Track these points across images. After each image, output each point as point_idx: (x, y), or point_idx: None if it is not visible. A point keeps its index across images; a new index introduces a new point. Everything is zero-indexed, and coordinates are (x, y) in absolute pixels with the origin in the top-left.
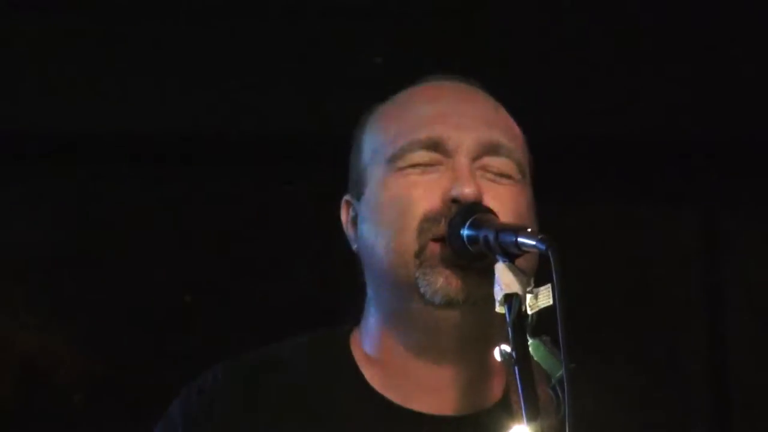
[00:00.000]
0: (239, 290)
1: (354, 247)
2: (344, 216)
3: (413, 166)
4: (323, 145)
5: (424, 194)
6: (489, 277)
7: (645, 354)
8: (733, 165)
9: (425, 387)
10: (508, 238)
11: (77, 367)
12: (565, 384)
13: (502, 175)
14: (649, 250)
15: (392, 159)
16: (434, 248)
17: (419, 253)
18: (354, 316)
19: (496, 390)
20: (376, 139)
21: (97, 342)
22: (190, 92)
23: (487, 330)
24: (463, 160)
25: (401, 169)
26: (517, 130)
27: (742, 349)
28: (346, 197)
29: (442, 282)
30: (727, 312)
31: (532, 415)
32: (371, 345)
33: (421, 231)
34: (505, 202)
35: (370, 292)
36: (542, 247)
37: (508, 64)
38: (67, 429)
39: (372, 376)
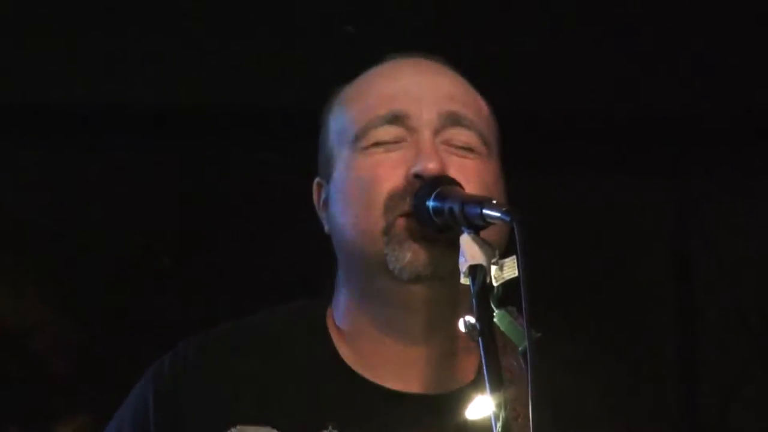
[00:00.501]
0: (221, 257)
1: (326, 228)
2: (316, 198)
3: (377, 144)
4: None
5: (388, 172)
6: (456, 250)
7: (614, 326)
8: (704, 136)
9: (396, 364)
10: (473, 210)
11: (53, 334)
12: (528, 354)
13: (465, 148)
14: (620, 222)
15: (356, 139)
16: (401, 223)
17: (387, 231)
18: (331, 290)
19: (470, 370)
20: (340, 120)
21: (74, 308)
22: (181, 61)
23: (457, 308)
24: (425, 134)
25: (365, 148)
26: (481, 103)
27: (712, 321)
28: (318, 180)
29: (410, 257)
30: (696, 283)
31: (496, 386)
32: (343, 322)
33: (387, 209)
34: (469, 175)
35: (340, 271)
36: (507, 218)
37: (481, 35)
38: (44, 396)
39: (345, 353)
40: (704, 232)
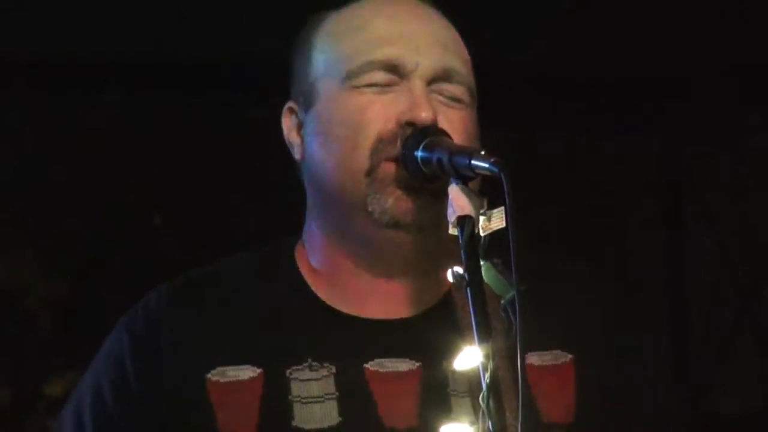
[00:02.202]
0: (210, 214)
1: (297, 156)
2: (287, 123)
3: (369, 85)
4: None
5: (379, 114)
6: (440, 200)
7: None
8: (692, 92)
9: (371, 297)
10: (462, 161)
11: (45, 292)
12: (517, 306)
13: (454, 99)
14: (610, 176)
15: (348, 77)
16: (388, 168)
17: (370, 172)
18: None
19: (438, 291)
20: (330, 52)
21: (65, 266)
22: (158, 18)
23: (434, 249)
24: (419, 83)
25: (356, 87)
26: (467, 53)
27: (700, 271)
28: (290, 104)
29: (391, 202)
30: (685, 235)
31: (484, 337)
32: (315, 258)
33: (374, 151)
34: (456, 125)
35: (312, 205)
36: (495, 169)
37: None
38: (35, 352)
39: (318, 288)
40: (691, 185)
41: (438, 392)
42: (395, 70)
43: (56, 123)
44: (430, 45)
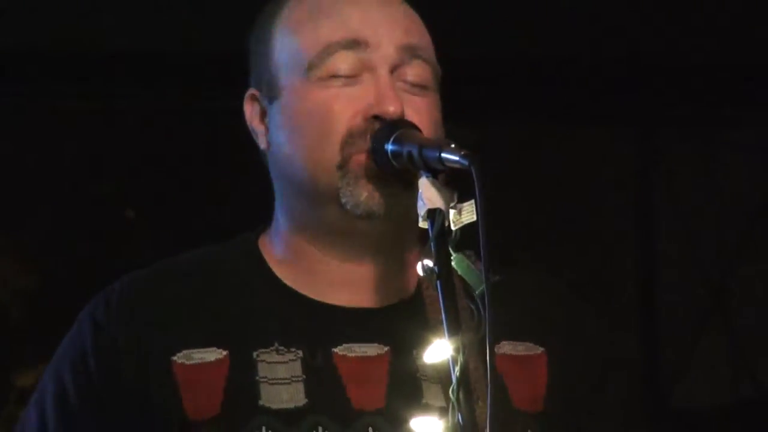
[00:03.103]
0: (183, 208)
1: (262, 145)
2: (249, 110)
3: (334, 76)
4: None
5: (346, 108)
6: (410, 191)
7: (576, 273)
8: (667, 87)
9: (339, 283)
10: (432, 154)
11: (14, 283)
12: (486, 297)
13: (419, 85)
14: (584, 169)
15: (311, 67)
16: (359, 160)
17: (342, 166)
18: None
19: (410, 284)
20: (292, 41)
21: (36, 257)
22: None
23: (404, 235)
24: (383, 72)
25: (321, 79)
26: (429, 38)
27: (671, 263)
28: (252, 91)
29: (365, 196)
30: (657, 230)
31: (454, 330)
32: (281, 247)
33: (345, 145)
34: (423, 115)
35: (279, 194)
36: (465, 162)
37: None
38: (5, 344)
39: (285, 275)
40: (666, 180)
41: (407, 377)
42: (359, 48)
43: (31, 113)
44: (393, 23)
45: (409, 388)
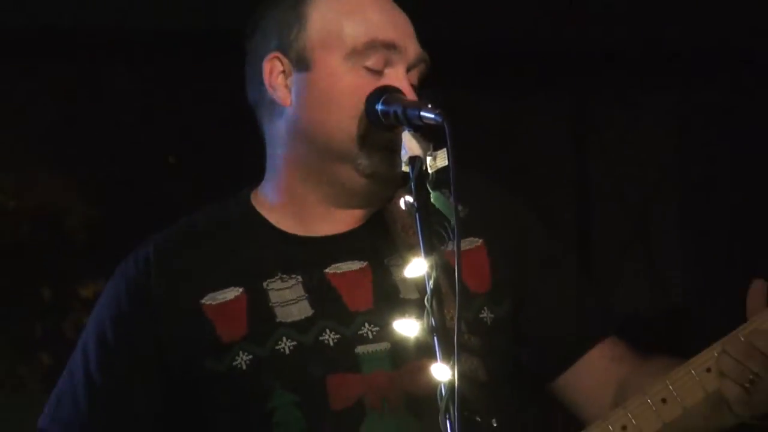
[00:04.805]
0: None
1: (282, 102)
2: (269, 67)
3: (367, 69)
4: None
5: None
6: (399, 155)
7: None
8: (602, 61)
9: (322, 221)
10: (413, 113)
11: (79, 212)
12: (455, 225)
13: (416, 84)
14: (524, 139)
15: (353, 54)
16: (379, 136)
17: (365, 138)
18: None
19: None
20: (333, 22)
21: (97, 193)
22: None
23: (389, 191)
24: (403, 72)
25: (356, 67)
26: None
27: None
28: (277, 54)
29: (377, 160)
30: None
31: (429, 250)
32: (275, 193)
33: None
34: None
35: (290, 148)
36: (439, 119)
37: None
38: (72, 264)
39: (277, 220)
40: (598, 140)
41: (385, 281)
42: (392, 49)
43: (83, 77)
44: (412, 36)
45: (389, 288)
